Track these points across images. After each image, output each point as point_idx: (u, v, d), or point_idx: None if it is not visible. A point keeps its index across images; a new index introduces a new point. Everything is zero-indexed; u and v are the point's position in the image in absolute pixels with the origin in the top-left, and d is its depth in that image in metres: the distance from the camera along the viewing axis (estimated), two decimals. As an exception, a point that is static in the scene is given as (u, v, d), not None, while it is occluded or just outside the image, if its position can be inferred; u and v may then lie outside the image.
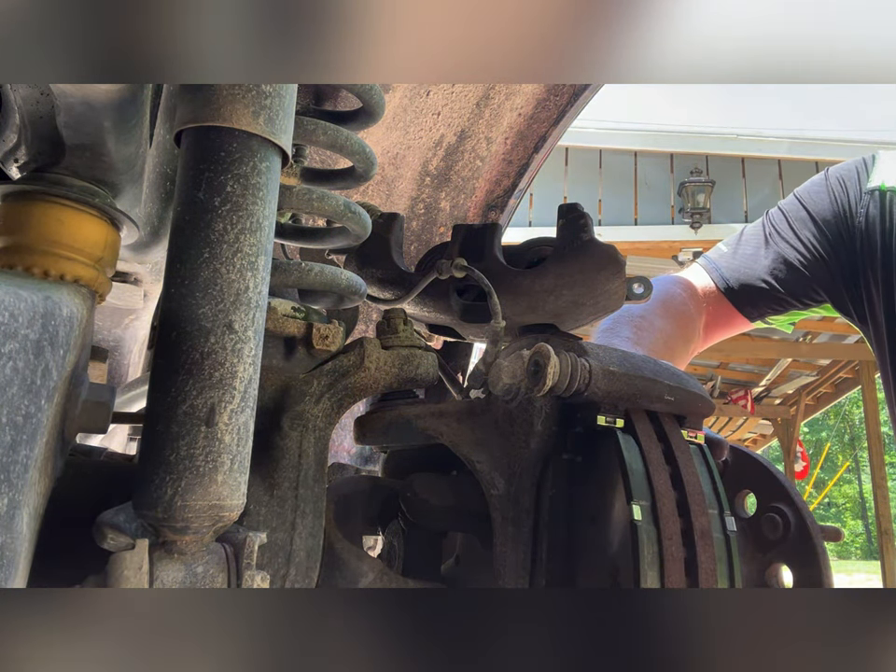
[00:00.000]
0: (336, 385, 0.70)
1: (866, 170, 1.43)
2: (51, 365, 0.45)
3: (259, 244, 0.50)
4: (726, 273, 1.50)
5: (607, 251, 0.76)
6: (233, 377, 0.48)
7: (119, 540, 0.49)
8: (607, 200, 7.85)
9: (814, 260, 1.42)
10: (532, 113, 1.40)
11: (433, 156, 1.42)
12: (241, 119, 0.49)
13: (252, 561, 0.50)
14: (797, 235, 1.44)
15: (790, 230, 1.45)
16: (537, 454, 0.66)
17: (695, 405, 0.72)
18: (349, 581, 0.69)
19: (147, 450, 0.47)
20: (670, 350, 1.38)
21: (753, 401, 10.54)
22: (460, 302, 0.83)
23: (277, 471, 0.65)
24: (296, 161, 0.86)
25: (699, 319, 1.50)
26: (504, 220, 1.56)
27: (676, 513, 0.61)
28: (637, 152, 7.99)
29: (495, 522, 0.66)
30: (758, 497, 0.85)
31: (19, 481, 0.40)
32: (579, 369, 0.63)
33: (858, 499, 30.74)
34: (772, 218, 1.52)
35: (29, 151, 0.60)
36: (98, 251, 0.60)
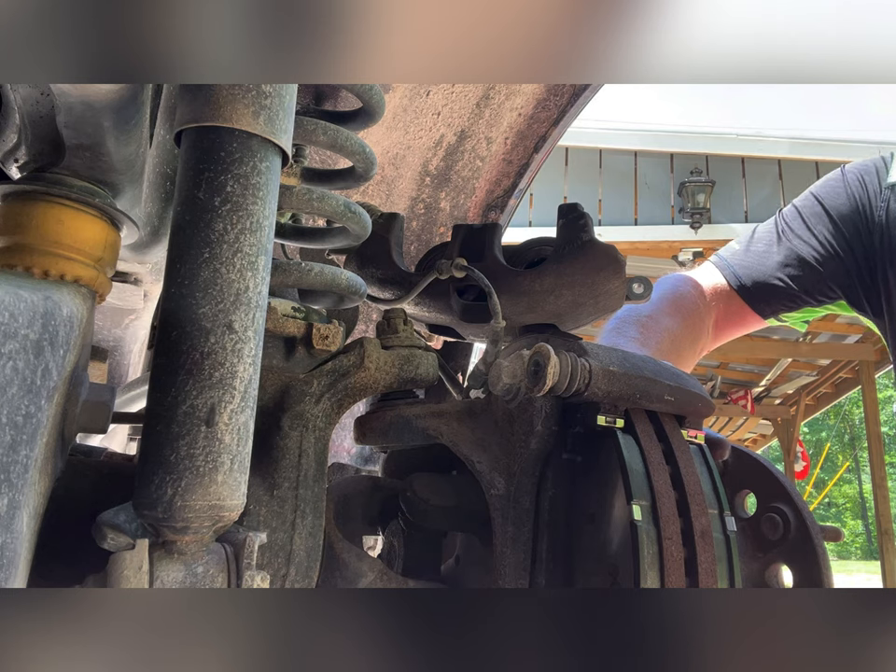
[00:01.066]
0: (336, 384, 0.70)
1: (885, 166, 1.43)
2: (51, 365, 0.45)
3: (259, 244, 0.50)
4: (738, 271, 1.49)
5: (607, 251, 0.76)
6: (233, 377, 0.48)
7: (119, 540, 0.49)
8: (607, 200, 7.85)
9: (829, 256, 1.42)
10: (532, 113, 1.40)
11: (433, 156, 1.42)
12: (241, 119, 0.49)
13: (252, 561, 0.50)
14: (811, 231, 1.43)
15: (803, 226, 1.45)
16: (537, 454, 0.66)
17: (695, 405, 0.72)
18: (349, 581, 0.69)
19: (146, 450, 0.47)
20: (677, 349, 1.38)
21: (753, 401, 10.53)
22: (460, 302, 0.83)
23: (277, 471, 0.65)
24: (296, 160, 0.86)
25: (708, 317, 1.49)
26: (504, 220, 1.56)
27: (676, 513, 0.61)
28: (637, 152, 7.99)
29: (495, 522, 0.66)
30: (758, 497, 0.85)
31: (19, 481, 0.40)
32: (579, 369, 0.63)
33: (858, 499, 30.74)
34: (785, 216, 1.51)
35: (29, 151, 0.60)
36: (98, 251, 0.60)
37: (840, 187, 1.45)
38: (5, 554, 0.39)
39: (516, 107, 1.39)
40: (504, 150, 1.46)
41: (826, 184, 1.50)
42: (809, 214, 1.46)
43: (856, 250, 1.40)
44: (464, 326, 0.87)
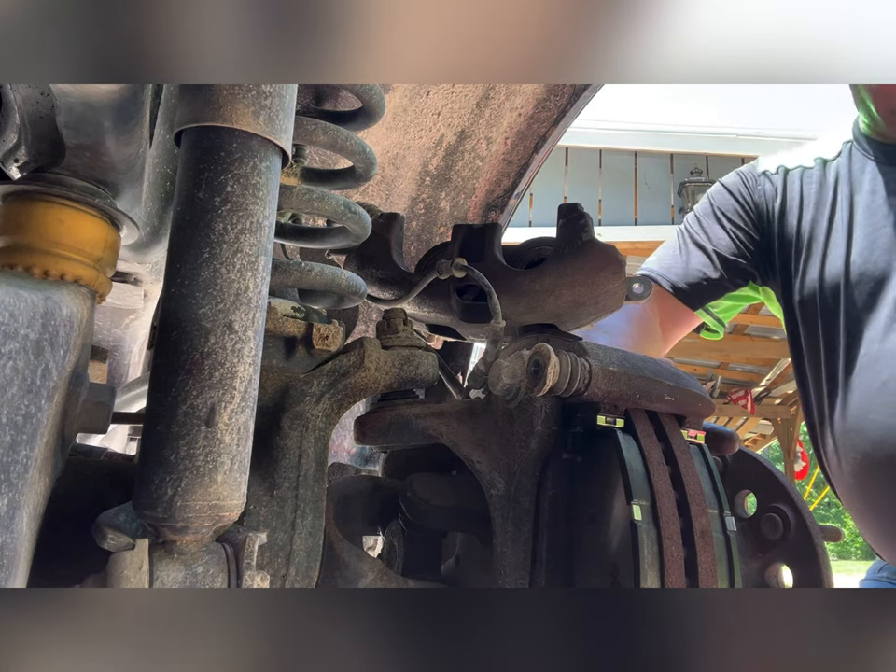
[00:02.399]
0: (336, 384, 0.70)
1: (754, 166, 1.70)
2: (51, 365, 0.45)
3: (259, 244, 0.50)
4: (665, 274, 1.67)
5: (606, 251, 0.76)
6: (233, 377, 0.48)
7: (119, 540, 0.49)
8: (607, 200, 7.85)
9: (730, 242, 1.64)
10: (532, 113, 1.40)
11: (433, 156, 1.42)
12: (241, 119, 0.49)
13: (252, 561, 0.50)
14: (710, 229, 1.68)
15: (700, 227, 1.69)
16: (537, 454, 0.66)
17: (695, 405, 0.72)
18: (349, 581, 0.69)
19: (146, 450, 0.47)
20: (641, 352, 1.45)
21: (753, 401, 10.52)
22: (460, 302, 0.83)
23: (277, 471, 0.65)
24: (296, 160, 0.86)
25: (656, 320, 1.65)
26: (504, 220, 1.56)
27: (676, 513, 0.61)
28: (637, 152, 7.99)
29: (495, 522, 0.66)
30: (758, 496, 0.85)
31: (19, 481, 0.40)
32: (579, 369, 0.63)
33: (858, 499, 30.66)
34: (687, 223, 1.75)
35: (29, 151, 0.60)
36: (98, 251, 0.60)
37: (724, 191, 1.70)
38: (5, 554, 0.39)
39: (516, 107, 1.39)
40: (504, 150, 1.46)
41: (715, 190, 1.75)
42: (707, 216, 1.70)
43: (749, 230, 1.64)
44: (464, 326, 0.87)
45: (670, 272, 1.67)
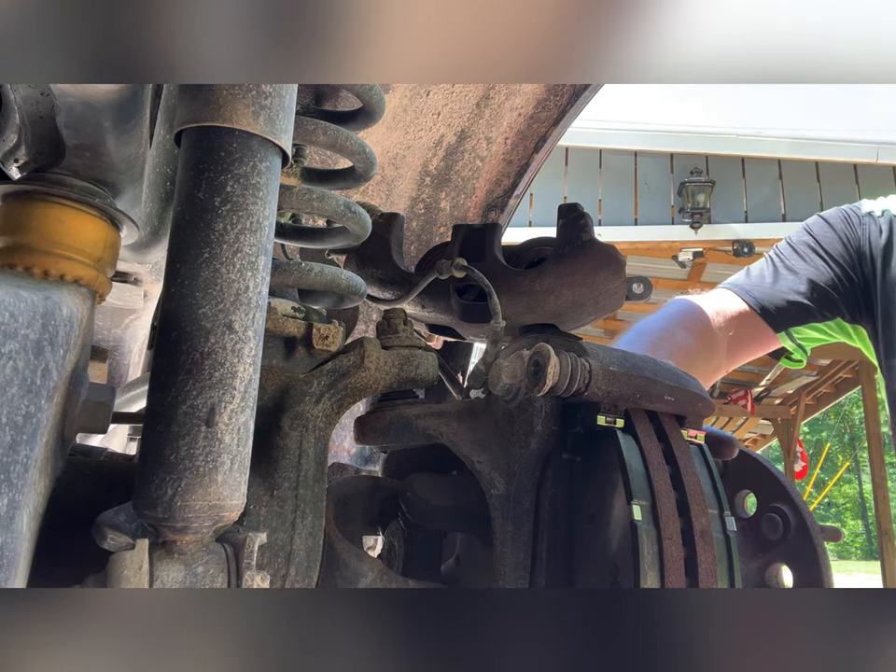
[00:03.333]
0: (336, 384, 0.70)
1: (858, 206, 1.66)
2: (51, 365, 0.45)
3: (259, 244, 0.50)
4: (754, 292, 1.63)
5: (606, 251, 0.76)
6: (233, 377, 0.48)
7: (119, 540, 0.49)
8: (607, 200, 7.84)
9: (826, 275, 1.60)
10: (532, 113, 1.40)
11: (433, 156, 1.42)
12: (241, 119, 0.49)
13: (252, 561, 0.50)
14: (807, 259, 1.63)
15: (798, 256, 1.64)
16: (537, 454, 0.66)
17: (695, 405, 0.72)
18: (349, 581, 0.69)
19: (146, 450, 0.47)
20: (690, 363, 1.45)
21: (753, 401, 10.53)
22: (460, 302, 0.83)
23: (277, 471, 0.65)
24: (296, 160, 0.86)
25: (724, 336, 1.60)
26: (504, 220, 1.56)
27: (676, 513, 0.61)
28: (637, 152, 7.98)
29: (495, 522, 0.66)
30: (758, 497, 0.85)
31: (19, 481, 0.40)
32: (579, 369, 0.63)
33: (858, 499, 30.73)
34: (779, 250, 1.70)
35: (29, 151, 0.60)
36: (98, 251, 0.60)
37: (825, 224, 1.66)
38: (5, 554, 0.39)
39: (516, 107, 1.39)
40: (504, 150, 1.46)
41: (814, 222, 1.70)
42: (803, 245, 1.66)
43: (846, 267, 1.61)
44: (464, 326, 0.87)
45: (756, 289, 1.62)
